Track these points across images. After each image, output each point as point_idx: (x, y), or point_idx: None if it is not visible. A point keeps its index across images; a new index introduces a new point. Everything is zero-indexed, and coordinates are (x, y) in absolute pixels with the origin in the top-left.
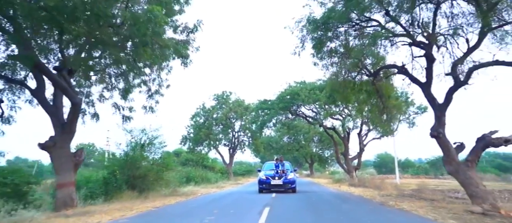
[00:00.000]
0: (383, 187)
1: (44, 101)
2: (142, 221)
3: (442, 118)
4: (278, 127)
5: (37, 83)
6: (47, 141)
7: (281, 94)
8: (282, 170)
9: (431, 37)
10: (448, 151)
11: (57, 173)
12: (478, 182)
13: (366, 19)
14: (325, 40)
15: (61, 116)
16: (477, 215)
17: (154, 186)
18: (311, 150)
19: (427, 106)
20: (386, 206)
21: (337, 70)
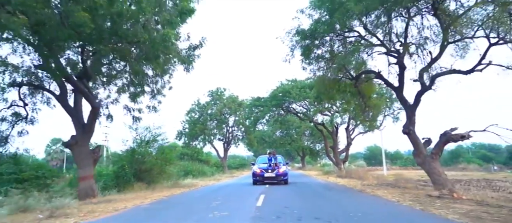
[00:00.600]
0: (366, 177)
1: (66, 105)
2: (160, 207)
3: (412, 117)
4: (271, 122)
5: (61, 90)
6: (69, 139)
7: (274, 92)
8: (274, 163)
9: (404, 47)
10: (417, 145)
11: (79, 167)
12: (440, 171)
13: (348, 30)
14: (312, 48)
15: (81, 118)
16: (433, 198)
17: (158, 179)
18: (302, 144)
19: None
20: (363, 192)
21: (323, 74)
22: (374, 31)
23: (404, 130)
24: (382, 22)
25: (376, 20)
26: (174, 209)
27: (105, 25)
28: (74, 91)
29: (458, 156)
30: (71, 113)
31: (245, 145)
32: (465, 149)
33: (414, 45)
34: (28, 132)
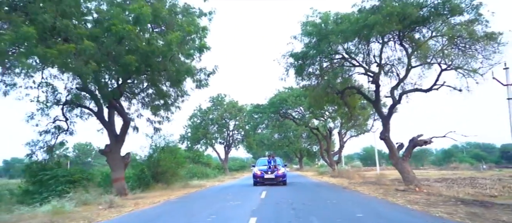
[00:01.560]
0: (353, 177)
1: (102, 119)
2: (186, 200)
3: (387, 125)
4: (270, 127)
5: (98, 107)
6: (105, 148)
7: (272, 100)
8: (274, 165)
9: (379, 68)
10: (392, 149)
11: (113, 170)
12: (409, 170)
13: (334, 53)
14: (304, 66)
15: (114, 130)
16: (399, 191)
17: (171, 180)
18: (300, 146)
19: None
20: (346, 189)
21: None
22: (356, 53)
23: (381, 137)
24: (361, 46)
25: (357, 45)
26: (199, 201)
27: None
28: (109, 108)
29: (451, 155)
30: (106, 126)
31: (245, 148)
32: (460, 148)
33: (388, 65)
34: (68, 142)
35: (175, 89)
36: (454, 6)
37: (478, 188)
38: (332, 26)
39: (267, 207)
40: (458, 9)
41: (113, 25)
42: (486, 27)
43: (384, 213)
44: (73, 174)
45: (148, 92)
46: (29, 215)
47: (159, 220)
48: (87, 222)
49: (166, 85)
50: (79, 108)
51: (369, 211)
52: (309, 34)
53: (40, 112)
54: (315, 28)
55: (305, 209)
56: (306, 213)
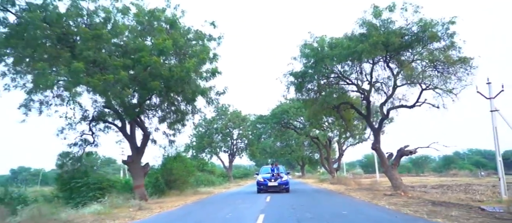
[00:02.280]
0: (349, 183)
1: (125, 133)
2: (202, 204)
3: (378, 137)
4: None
5: (122, 123)
6: (127, 158)
7: (274, 111)
8: (277, 173)
9: (370, 86)
10: (382, 158)
11: (134, 178)
12: (397, 177)
13: (330, 72)
14: (303, 84)
15: (135, 142)
16: (386, 195)
17: (182, 188)
18: (302, 154)
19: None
20: (341, 194)
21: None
22: (350, 72)
23: (372, 147)
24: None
25: (350, 65)
26: (213, 204)
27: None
28: (131, 123)
29: (452, 162)
30: (128, 139)
31: (248, 156)
32: (461, 155)
33: (379, 83)
34: (92, 153)
35: (190, 107)
36: (433, 34)
37: (470, 194)
38: (327, 50)
39: (271, 207)
40: (436, 37)
41: (142, 57)
42: (460, 53)
43: (364, 211)
44: (102, 181)
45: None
46: (78, 215)
47: (187, 217)
48: (130, 219)
49: (182, 103)
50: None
51: (353, 210)
52: (307, 56)
53: (68, 127)
54: (312, 51)
55: (302, 208)
56: (303, 211)
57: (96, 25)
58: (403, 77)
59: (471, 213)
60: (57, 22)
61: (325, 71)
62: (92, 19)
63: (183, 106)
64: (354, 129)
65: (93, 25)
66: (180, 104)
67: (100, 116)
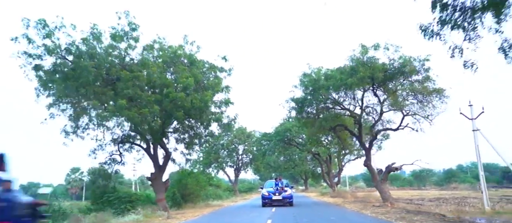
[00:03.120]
0: (346, 196)
1: (149, 153)
2: (218, 214)
3: (369, 155)
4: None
5: (146, 144)
6: (151, 175)
7: (277, 129)
8: (281, 187)
9: (361, 110)
10: (373, 174)
11: (156, 193)
12: (386, 191)
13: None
14: (303, 108)
15: (158, 161)
16: (375, 207)
17: (195, 201)
18: (305, 168)
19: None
20: (337, 205)
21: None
22: (344, 98)
23: (364, 164)
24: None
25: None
26: (228, 214)
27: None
28: (154, 145)
29: (453, 176)
30: (152, 158)
31: (253, 170)
32: (465, 168)
33: (369, 108)
34: (119, 170)
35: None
36: (412, 68)
37: (461, 206)
38: (323, 80)
39: (276, 216)
40: (415, 71)
41: (169, 92)
42: (434, 84)
43: (349, 218)
44: (131, 195)
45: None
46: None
47: None
48: None
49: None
50: (130, 144)
51: (341, 217)
52: (306, 85)
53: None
54: (310, 82)
55: (301, 216)
56: (301, 217)
57: (132, 66)
58: (389, 104)
59: (433, 219)
60: (103, 66)
61: (322, 98)
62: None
63: (199, 130)
64: (350, 147)
65: (129, 66)
66: (197, 129)
67: (128, 138)
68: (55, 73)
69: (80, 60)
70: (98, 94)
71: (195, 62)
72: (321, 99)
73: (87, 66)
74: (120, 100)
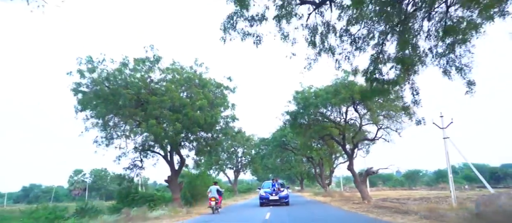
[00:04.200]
0: (334, 195)
1: (167, 159)
2: (226, 210)
3: (351, 160)
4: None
5: (164, 152)
6: (168, 178)
7: (274, 135)
8: (278, 187)
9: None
10: (355, 176)
11: (173, 193)
12: (365, 190)
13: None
14: (296, 120)
15: (174, 166)
16: (355, 203)
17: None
18: (301, 169)
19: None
20: (325, 203)
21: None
22: (331, 112)
23: (347, 168)
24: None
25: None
26: (235, 211)
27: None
28: (171, 152)
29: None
30: (169, 163)
31: (251, 172)
32: (457, 169)
33: (352, 120)
34: (141, 173)
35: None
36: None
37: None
38: (312, 99)
39: (273, 211)
40: (387, 92)
41: (188, 112)
42: (403, 103)
43: (328, 211)
44: (153, 195)
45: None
46: (156, 216)
47: (224, 217)
48: (189, 218)
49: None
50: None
51: (323, 210)
52: (298, 102)
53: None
54: (302, 99)
55: (293, 210)
56: (293, 211)
57: (157, 90)
58: (367, 118)
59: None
60: (134, 92)
61: (312, 112)
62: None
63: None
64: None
65: (154, 89)
66: (208, 140)
67: (148, 147)
68: (97, 97)
69: (118, 88)
70: (132, 114)
71: (206, 85)
72: (311, 113)
73: (124, 93)
74: (151, 120)
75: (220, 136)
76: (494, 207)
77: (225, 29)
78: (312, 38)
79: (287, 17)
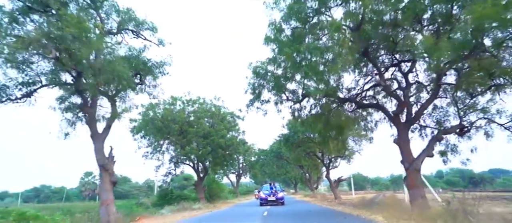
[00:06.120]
0: (318, 197)
1: (195, 169)
2: (237, 207)
3: (328, 170)
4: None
5: (193, 164)
6: (194, 183)
7: (272, 147)
8: (275, 190)
9: None
10: (330, 182)
11: (198, 193)
12: (337, 192)
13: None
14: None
15: (199, 174)
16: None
17: (217, 199)
18: (294, 174)
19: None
20: (309, 202)
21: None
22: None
23: (325, 176)
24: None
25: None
26: (243, 207)
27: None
28: (197, 163)
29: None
30: (196, 172)
31: (251, 176)
32: (444, 174)
33: None
34: (176, 177)
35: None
36: None
37: None
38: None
39: (271, 209)
40: None
41: (214, 139)
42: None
43: (308, 207)
44: (184, 195)
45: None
46: (196, 208)
47: (239, 210)
48: (217, 209)
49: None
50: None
51: (303, 206)
52: (290, 128)
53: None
54: (293, 127)
55: (283, 208)
56: (283, 208)
57: (192, 123)
58: None
59: (341, 205)
60: (178, 124)
61: (299, 136)
62: (192, 121)
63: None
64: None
65: (190, 122)
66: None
67: (182, 160)
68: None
69: (168, 122)
70: (178, 140)
71: (225, 117)
72: (299, 137)
73: (173, 127)
74: (190, 146)
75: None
76: (378, 200)
77: (248, 106)
78: (292, 114)
79: (279, 103)
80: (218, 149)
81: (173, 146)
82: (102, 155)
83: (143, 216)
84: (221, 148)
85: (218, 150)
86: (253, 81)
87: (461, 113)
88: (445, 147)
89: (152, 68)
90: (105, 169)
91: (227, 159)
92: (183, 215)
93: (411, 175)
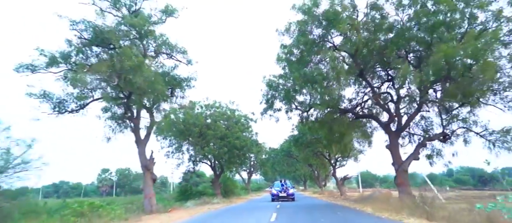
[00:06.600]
0: (325, 193)
1: (212, 167)
2: (251, 202)
3: (335, 169)
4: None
5: (211, 163)
6: (212, 180)
7: (282, 146)
8: (286, 187)
9: None
10: (337, 180)
11: (215, 189)
12: (343, 189)
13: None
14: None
15: (216, 172)
16: (334, 197)
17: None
18: (304, 172)
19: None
20: (316, 198)
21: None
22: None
23: (332, 174)
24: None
25: None
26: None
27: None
28: (214, 162)
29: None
30: (213, 170)
31: (262, 174)
32: (455, 172)
33: None
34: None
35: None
36: None
37: None
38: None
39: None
40: None
41: (230, 140)
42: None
43: (315, 201)
44: (202, 191)
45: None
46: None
47: (253, 204)
48: (234, 204)
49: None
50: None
51: (310, 201)
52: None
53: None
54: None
55: (294, 203)
56: (294, 203)
57: (210, 125)
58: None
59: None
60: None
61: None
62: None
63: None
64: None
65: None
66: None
67: (200, 159)
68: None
69: (189, 125)
70: (197, 141)
71: (239, 121)
72: (308, 138)
73: (194, 130)
74: (210, 146)
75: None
76: (374, 196)
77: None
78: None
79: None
80: (233, 149)
81: (193, 147)
82: (145, 157)
83: (173, 208)
84: (236, 148)
85: (233, 150)
86: (267, 94)
87: (444, 122)
88: (431, 151)
89: (181, 83)
90: (147, 169)
91: (241, 158)
92: (207, 207)
93: (400, 175)
